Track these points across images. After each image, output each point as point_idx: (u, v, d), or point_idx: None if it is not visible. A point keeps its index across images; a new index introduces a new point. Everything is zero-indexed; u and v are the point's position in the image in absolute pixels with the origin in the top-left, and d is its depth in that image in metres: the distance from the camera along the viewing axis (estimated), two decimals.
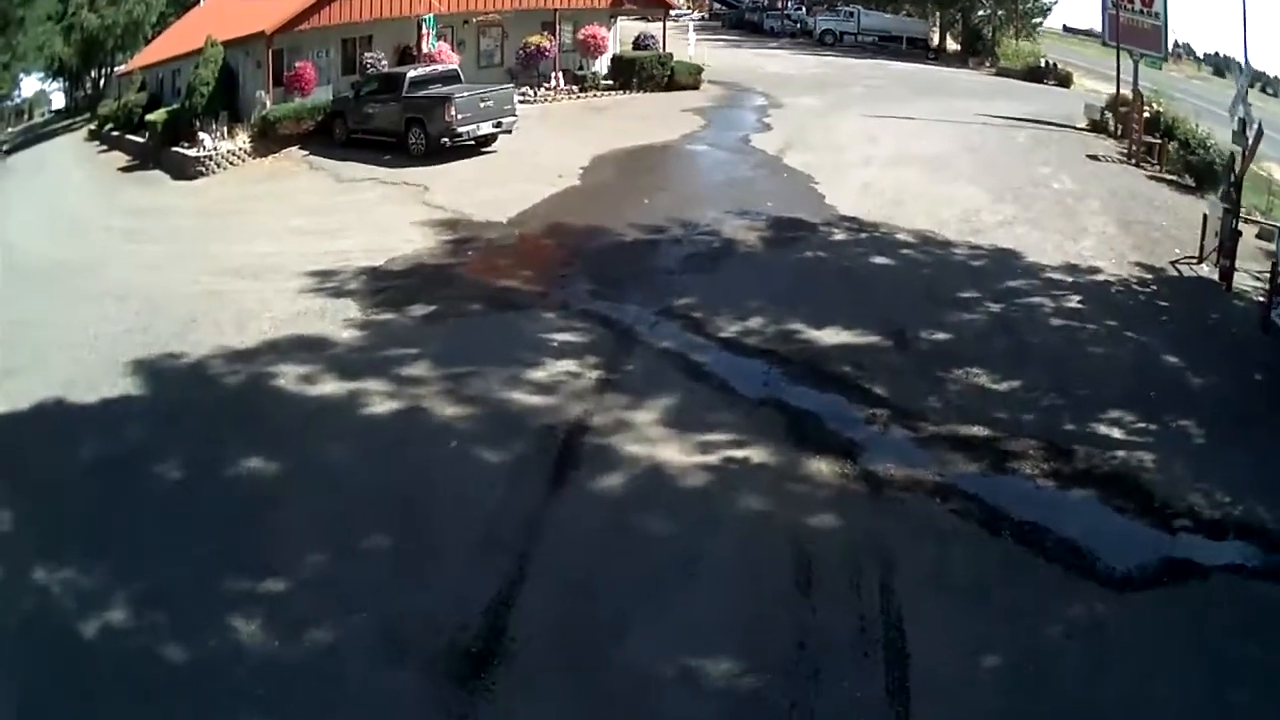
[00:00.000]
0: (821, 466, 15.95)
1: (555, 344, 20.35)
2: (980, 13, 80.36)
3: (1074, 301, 23.13)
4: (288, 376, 19.19)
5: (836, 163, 35.77)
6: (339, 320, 21.89)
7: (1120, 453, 16.42)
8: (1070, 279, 24.49)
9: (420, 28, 43.22)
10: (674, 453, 16.29)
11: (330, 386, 18.72)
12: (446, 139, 36.00)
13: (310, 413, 17.94)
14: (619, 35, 53.88)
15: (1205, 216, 26.88)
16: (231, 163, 38.27)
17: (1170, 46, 50.92)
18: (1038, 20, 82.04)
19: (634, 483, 15.52)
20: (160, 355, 20.53)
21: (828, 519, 14.71)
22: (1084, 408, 17.81)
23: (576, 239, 27.60)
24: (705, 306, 22.23)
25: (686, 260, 25.61)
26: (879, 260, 25.56)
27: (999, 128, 44.46)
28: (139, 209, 34.51)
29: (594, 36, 50.06)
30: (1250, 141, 26.56)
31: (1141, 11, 45.26)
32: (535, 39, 47.86)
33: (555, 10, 48.97)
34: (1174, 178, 36.95)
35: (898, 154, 37.40)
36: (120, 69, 66.75)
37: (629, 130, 41.25)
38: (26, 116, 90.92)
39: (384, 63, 42.94)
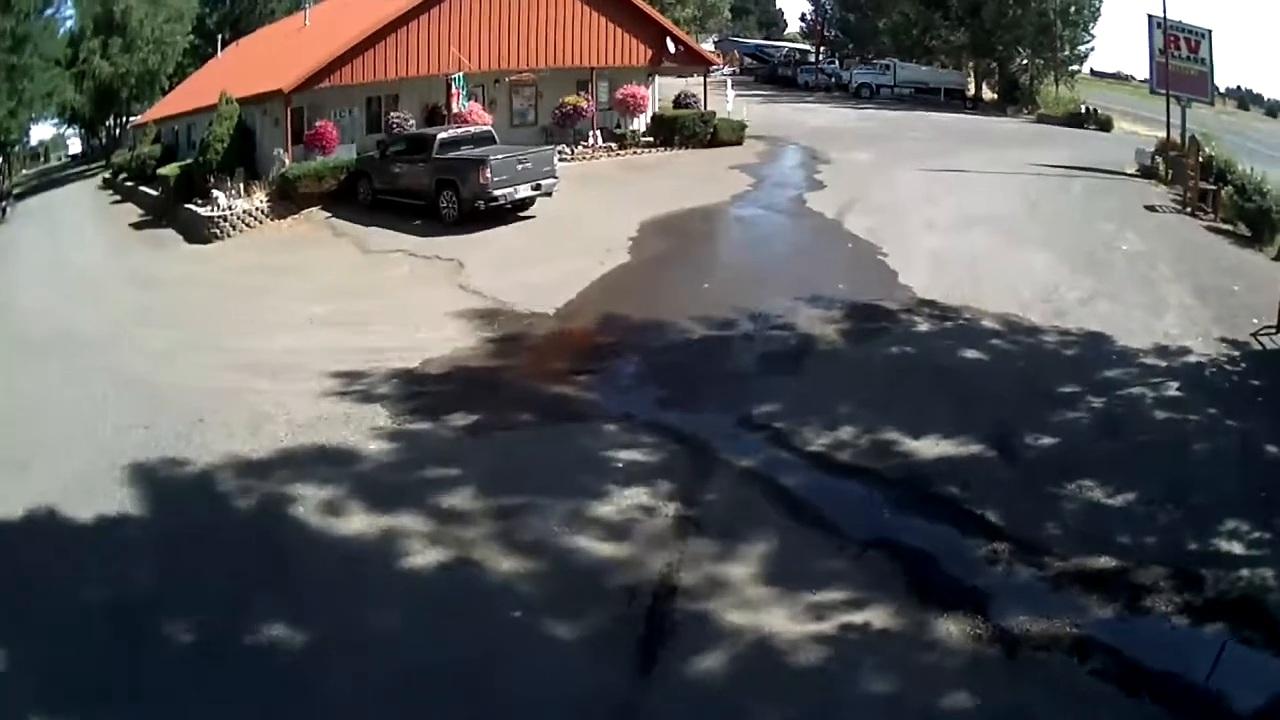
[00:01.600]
0: (950, 628, 13.54)
1: (620, 465, 17.74)
2: (1018, 61, 79.53)
3: (1172, 390, 21.46)
4: (308, 503, 16.51)
5: (900, 227, 33.90)
6: (366, 429, 19.30)
7: (1244, 572, 14.85)
8: (1164, 363, 22.90)
9: (450, 87, 41.19)
10: (782, 620, 13.63)
11: (359, 522, 16.00)
12: (481, 203, 33.69)
13: (339, 560, 15.22)
14: (657, 95, 52.40)
15: None
16: (248, 224, 36.51)
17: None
18: (1075, 68, 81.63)
19: (738, 664, 12.84)
20: (163, 460, 18.18)
21: (962, 698, 12.36)
22: (1202, 520, 16.21)
23: (635, 335, 24.75)
24: (789, 415, 19.68)
25: (762, 360, 23.13)
26: (969, 354, 23.35)
27: (1053, 178, 43.61)
28: (150, 279, 32.37)
29: (633, 95, 48.48)
30: None
31: (1188, 58, 45.97)
32: (572, 99, 46.28)
33: (592, 69, 47.16)
34: (1229, 227, 36.33)
35: (960, 215, 35.71)
36: (136, 119, 66.30)
37: (675, 191, 39.26)
38: (43, 160, 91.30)
39: (411, 123, 40.98)
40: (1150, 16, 46.62)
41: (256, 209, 36.69)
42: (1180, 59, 45.73)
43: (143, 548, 15.63)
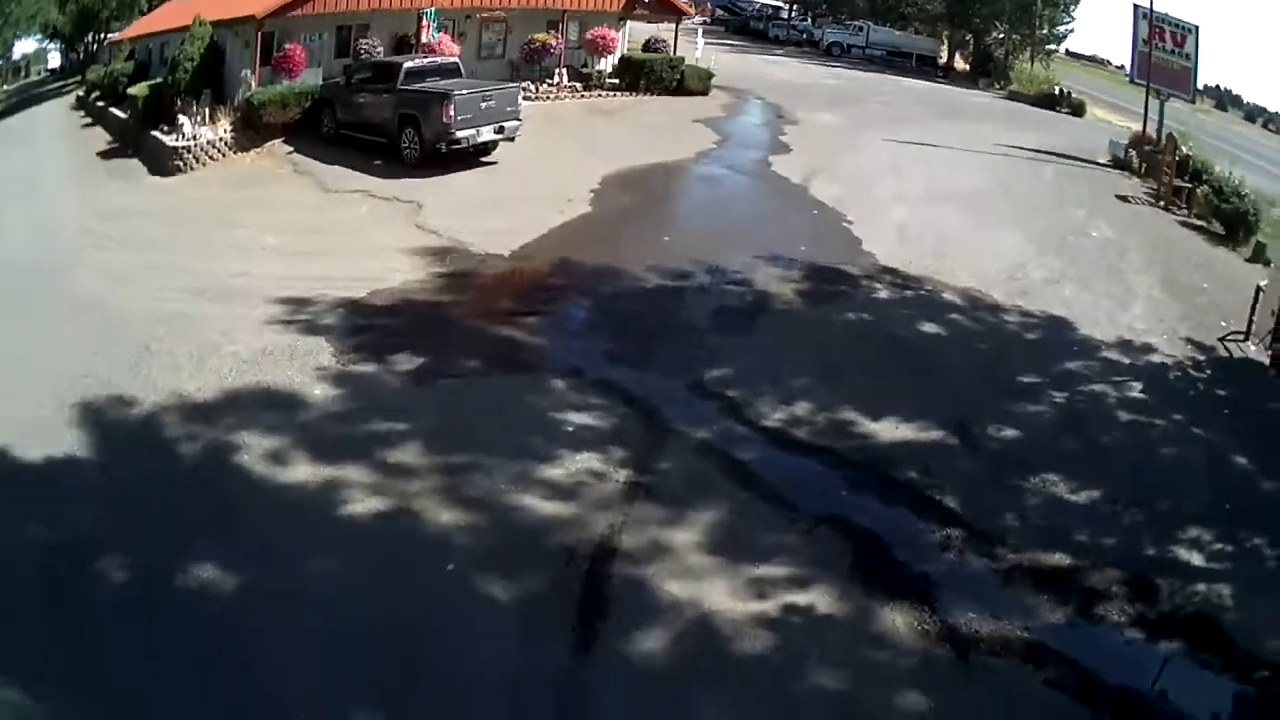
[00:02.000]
0: (897, 619, 13.17)
1: (571, 428, 17.09)
2: (994, 35, 79.08)
3: (1137, 391, 21.21)
4: (253, 451, 15.84)
5: (867, 198, 33.39)
6: (310, 369, 18.54)
7: (1201, 586, 14.74)
8: (1128, 360, 22.69)
9: (420, 19, 40.32)
10: (724, 596, 13.22)
11: (303, 471, 15.38)
12: (443, 144, 32.73)
13: (280, 507, 14.65)
14: (627, 37, 51.63)
15: (1259, 290, 25.17)
16: (211, 156, 35.26)
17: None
18: (1052, 47, 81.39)
19: (679, 645, 12.38)
20: (110, 399, 17.34)
21: (914, 699, 11.95)
22: (1163, 525, 16.15)
23: (589, 281, 24.16)
24: (744, 383, 19.12)
25: (717, 316, 22.59)
26: (929, 328, 22.93)
27: (1024, 160, 43.20)
28: (112, 211, 31.23)
29: (602, 37, 47.55)
30: None
31: (1173, 51, 45.55)
32: (542, 35, 45.43)
33: (564, 11, 46.35)
34: (1203, 223, 36.45)
35: (929, 190, 35.25)
36: (113, 36, 65.66)
37: (640, 143, 38.44)
38: (23, 74, 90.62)
39: (379, 50, 40.07)
40: (1136, 6, 46.27)
41: (220, 139, 35.60)
42: (1164, 52, 45.26)
43: (89, 493, 14.98)
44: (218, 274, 23.57)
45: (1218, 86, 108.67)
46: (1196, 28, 45.64)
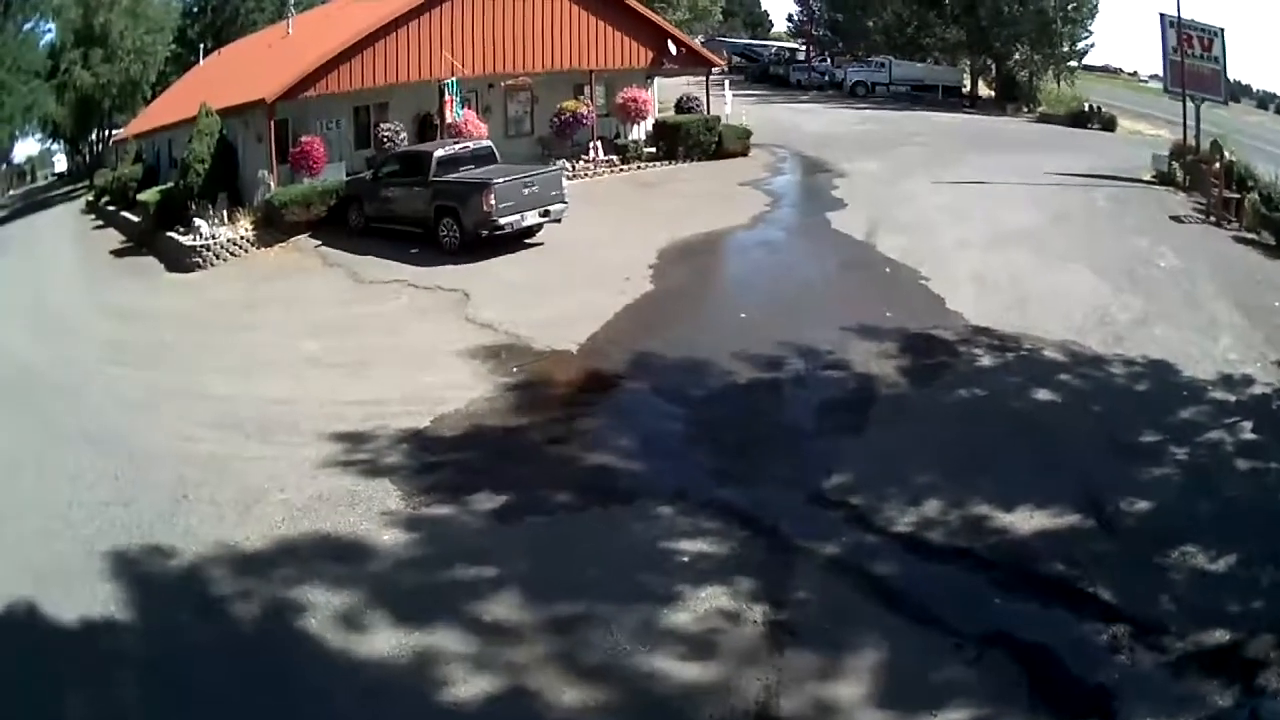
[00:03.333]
0: None
1: (687, 558, 15.20)
2: (1016, 57, 77.97)
3: (1248, 431, 20.14)
4: (320, 612, 13.85)
5: (933, 247, 32.13)
6: (375, 513, 16.57)
7: None
8: (1233, 397, 21.72)
9: (443, 94, 38.74)
10: None
11: (384, 640, 13.30)
12: (485, 231, 31.09)
13: (364, 691, 12.57)
14: (657, 97, 50.30)
15: None
16: (232, 253, 34.31)
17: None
18: (1074, 64, 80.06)
19: None
20: (146, 548, 15.57)
21: None
22: None
23: (672, 379, 22.09)
24: (865, 486, 17.34)
25: (822, 411, 20.74)
26: (1041, 395, 21.51)
27: (1073, 188, 42.65)
28: (127, 311, 29.99)
29: (635, 100, 45.93)
30: None
31: (1201, 56, 45.08)
32: (571, 104, 43.82)
33: (590, 72, 44.81)
34: (1254, 236, 35.72)
35: (990, 231, 34.22)
36: (119, 132, 66.19)
37: (689, 212, 37.05)
38: (29, 178, 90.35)
39: (402, 135, 38.68)
40: (1163, 15, 45.43)
41: (242, 237, 34.48)
42: (1194, 57, 44.55)
43: (132, 664, 13.20)
44: (253, 399, 21.79)
45: (1234, 80, 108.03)
46: (1222, 30, 45.11)
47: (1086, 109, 70.17)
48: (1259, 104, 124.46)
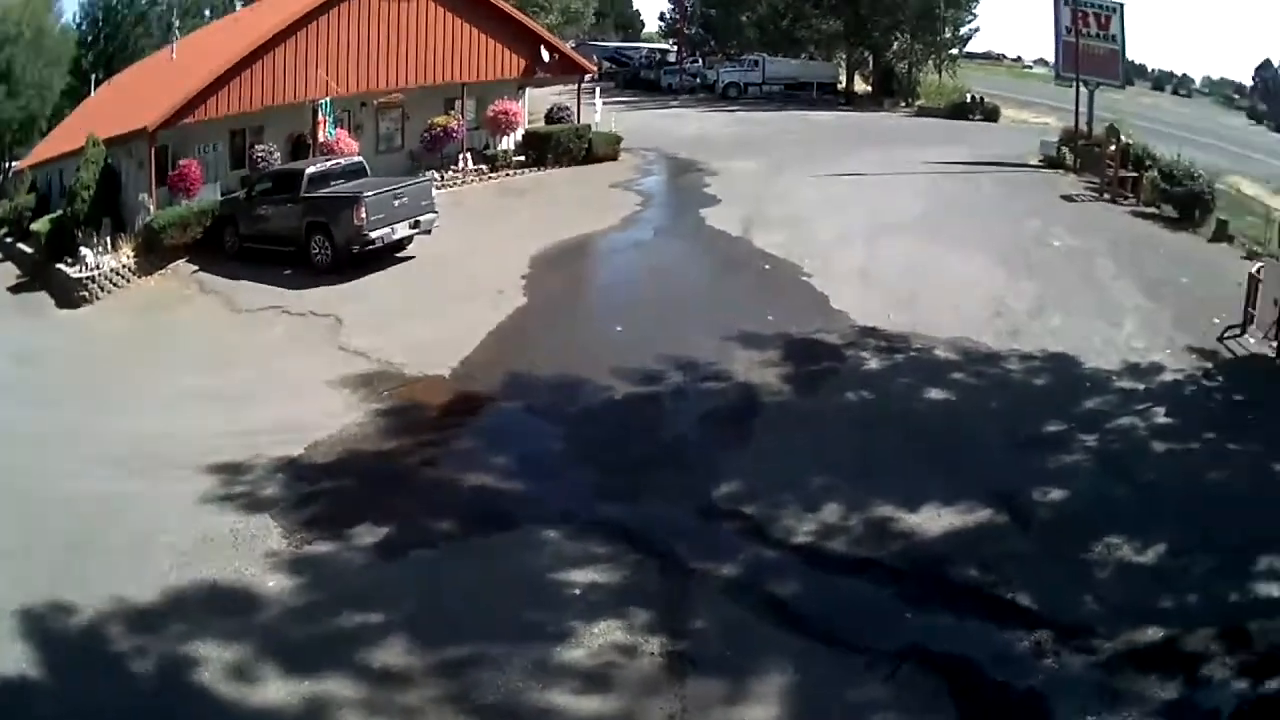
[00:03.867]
0: None
1: (578, 590, 14.53)
2: (896, 47, 77.81)
3: (1161, 416, 20.29)
4: (214, 667, 13.08)
5: (814, 242, 31.82)
6: (259, 555, 15.69)
7: None
8: (1141, 385, 21.77)
9: (316, 114, 38.06)
10: None
11: (276, 690, 12.65)
12: (356, 246, 30.57)
13: None
14: (528, 108, 49.93)
15: (1251, 279, 25.00)
16: (115, 284, 33.48)
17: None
18: (954, 51, 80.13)
19: None
20: (49, 606, 14.64)
21: None
22: (1235, 562, 15.27)
23: (550, 399, 21.44)
24: (756, 495, 16.85)
25: (706, 424, 20.13)
26: (934, 394, 21.24)
27: (956, 175, 42.75)
28: (20, 352, 28.58)
29: (505, 112, 45.24)
30: None
31: (1098, 35, 45.07)
32: (442, 120, 43.05)
33: (462, 85, 44.19)
34: (1154, 210, 36.67)
35: (874, 223, 33.97)
36: (16, 165, 66.44)
37: (561, 218, 36.47)
38: None
39: (276, 155, 37.92)
40: None
41: (124, 266, 34.00)
42: (1090, 37, 44.49)
43: None
44: (138, 435, 20.93)
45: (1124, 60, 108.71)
46: (1121, 5, 45.07)
47: (968, 99, 70.48)
48: (1154, 85, 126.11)
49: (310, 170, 33.14)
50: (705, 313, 26.00)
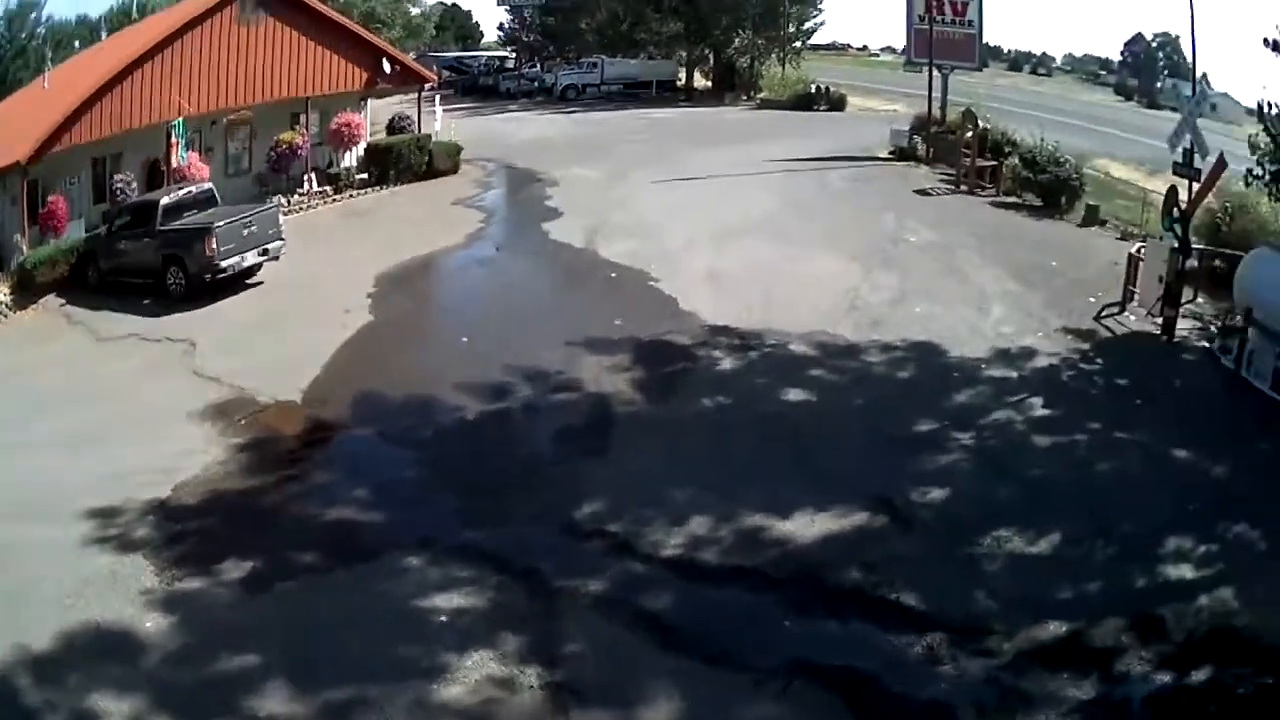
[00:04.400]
0: None
1: (445, 617, 14.38)
2: (736, 44, 77.58)
3: (1039, 407, 20.51)
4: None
5: (662, 249, 31.90)
6: (135, 594, 15.50)
7: (1204, 600, 14.26)
8: (1014, 373, 21.98)
9: (169, 136, 37.58)
10: None
11: None
12: (209, 275, 30.66)
13: None
14: (370, 119, 49.33)
15: (1131, 258, 25.46)
16: None
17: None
18: (798, 44, 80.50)
19: None
20: None
21: None
22: (1138, 548, 15.47)
23: (402, 421, 21.28)
24: (620, 512, 16.82)
25: (560, 440, 20.02)
26: (795, 395, 21.25)
27: (804, 173, 42.56)
28: None
29: (348, 125, 44.76)
30: (1209, 172, 24.44)
31: (953, 21, 45.00)
32: (287, 136, 42.47)
33: (305, 99, 43.76)
34: (1015, 200, 36.70)
35: (719, 225, 34.15)
36: None
37: (404, 238, 36.14)
38: None
39: (134, 185, 37.48)
40: None
41: (2, 303, 33.63)
42: (944, 23, 44.80)
43: None
44: (15, 480, 20.37)
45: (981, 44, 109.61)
46: None
47: (813, 90, 70.64)
48: (1011, 66, 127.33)
49: (164, 201, 33.14)
50: (551, 322, 26.02)
